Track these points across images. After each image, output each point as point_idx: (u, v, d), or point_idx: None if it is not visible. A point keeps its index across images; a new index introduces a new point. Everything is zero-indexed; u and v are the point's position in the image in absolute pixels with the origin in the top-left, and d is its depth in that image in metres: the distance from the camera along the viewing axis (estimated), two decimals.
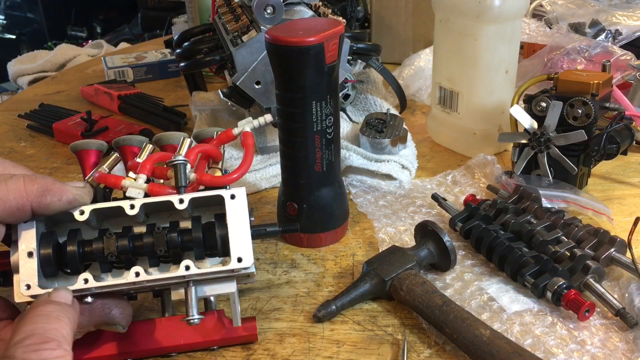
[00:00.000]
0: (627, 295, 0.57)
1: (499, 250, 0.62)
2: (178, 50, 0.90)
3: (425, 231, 0.63)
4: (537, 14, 1.14)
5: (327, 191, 0.67)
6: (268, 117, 0.60)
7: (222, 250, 0.49)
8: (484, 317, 0.56)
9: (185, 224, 0.50)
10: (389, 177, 0.81)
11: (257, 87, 0.80)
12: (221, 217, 0.50)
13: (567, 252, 0.60)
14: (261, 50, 0.78)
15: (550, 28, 1.05)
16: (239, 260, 0.48)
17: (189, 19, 1.32)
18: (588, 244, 0.62)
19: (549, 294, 0.57)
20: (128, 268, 0.48)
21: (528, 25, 1.05)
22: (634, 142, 0.82)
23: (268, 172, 0.82)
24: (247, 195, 0.51)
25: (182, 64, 0.88)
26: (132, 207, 0.48)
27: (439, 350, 0.54)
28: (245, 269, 0.48)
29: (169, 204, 0.49)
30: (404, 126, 0.88)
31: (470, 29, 0.81)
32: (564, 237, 0.63)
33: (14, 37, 3.52)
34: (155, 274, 0.48)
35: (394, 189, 0.80)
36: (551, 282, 0.57)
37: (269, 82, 0.80)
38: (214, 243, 0.49)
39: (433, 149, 0.92)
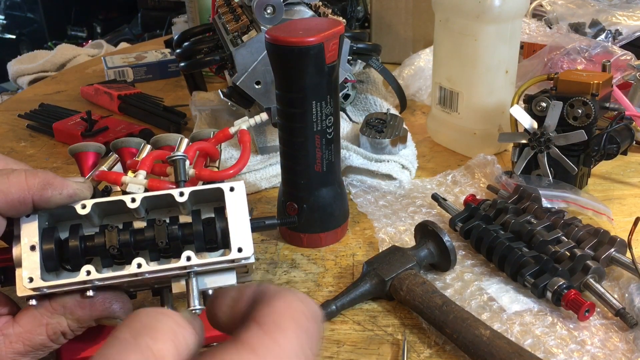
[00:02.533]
0: (627, 295, 0.57)
1: (499, 250, 0.62)
2: (178, 50, 0.90)
3: (425, 231, 0.63)
4: (537, 14, 1.14)
5: (327, 191, 0.67)
6: (264, 116, 0.60)
7: (222, 242, 0.50)
8: (484, 317, 0.56)
9: (185, 219, 0.51)
10: (389, 177, 0.81)
11: (257, 87, 0.80)
12: (220, 211, 0.50)
13: (567, 252, 0.60)
14: (261, 50, 0.78)
15: (550, 28, 1.05)
16: (240, 250, 0.48)
17: (189, 19, 1.32)
18: (588, 244, 0.62)
19: (549, 294, 0.56)
20: (129, 262, 0.48)
21: (528, 25, 1.05)
22: (634, 142, 0.82)
23: (268, 172, 0.82)
24: (247, 195, 0.51)
25: (182, 64, 0.88)
26: (134, 200, 0.49)
27: (439, 350, 0.54)
28: (245, 258, 0.49)
29: (170, 197, 0.49)
30: (404, 126, 0.87)
31: (470, 29, 0.81)
32: (564, 237, 0.63)
33: (14, 37, 3.52)
34: (157, 266, 0.48)
35: (394, 189, 0.80)
36: (551, 282, 0.57)
37: (269, 82, 0.80)
38: (214, 236, 0.49)
39: (433, 149, 0.92)
